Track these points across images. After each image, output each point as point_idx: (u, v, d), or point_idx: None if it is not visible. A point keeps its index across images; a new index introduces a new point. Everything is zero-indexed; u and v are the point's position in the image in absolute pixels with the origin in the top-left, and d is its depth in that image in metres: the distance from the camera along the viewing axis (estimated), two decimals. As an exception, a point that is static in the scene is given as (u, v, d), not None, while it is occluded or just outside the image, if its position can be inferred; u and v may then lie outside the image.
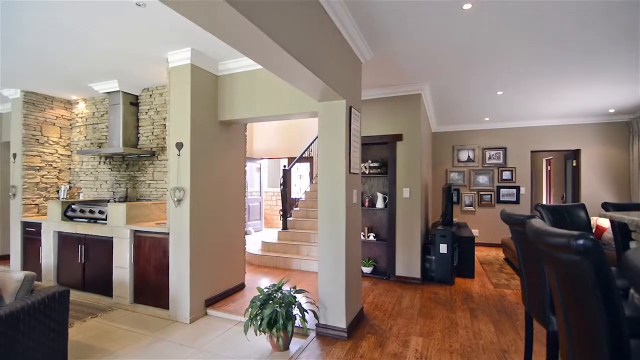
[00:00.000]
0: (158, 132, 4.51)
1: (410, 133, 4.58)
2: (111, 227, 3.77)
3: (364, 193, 5.01)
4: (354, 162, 3.13)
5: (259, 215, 8.61)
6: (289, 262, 5.27)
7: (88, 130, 5.12)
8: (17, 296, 2.24)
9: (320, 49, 2.38)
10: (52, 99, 5.04)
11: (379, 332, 3.07)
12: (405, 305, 3.74)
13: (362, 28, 2.88)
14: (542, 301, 1.72)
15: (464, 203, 7.39)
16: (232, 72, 3.68)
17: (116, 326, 3.22)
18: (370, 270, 4.77)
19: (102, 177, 4.98)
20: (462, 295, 4.11)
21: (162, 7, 2.45)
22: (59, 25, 2.79)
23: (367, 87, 4.53)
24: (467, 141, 7.37)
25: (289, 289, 2.84)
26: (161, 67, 3.73)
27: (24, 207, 4.71)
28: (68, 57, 3.48)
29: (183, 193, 3.33)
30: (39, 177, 4.91)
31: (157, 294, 3.52)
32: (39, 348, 2.25)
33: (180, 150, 3.36)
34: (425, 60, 3.58)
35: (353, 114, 3.09)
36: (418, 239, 4.54)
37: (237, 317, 3.33)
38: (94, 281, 3.96)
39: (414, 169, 4.56)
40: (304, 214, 6.22)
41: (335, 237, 2.96)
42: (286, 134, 8.42)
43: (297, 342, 2.86)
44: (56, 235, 4.27)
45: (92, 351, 2.73)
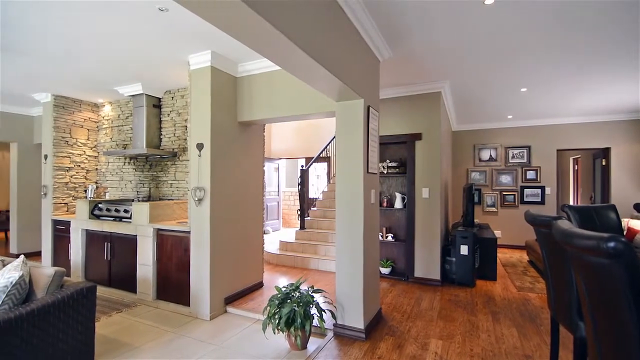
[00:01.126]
0: (179, 133, 4.63)
1: (430, 132, 4.50)
2: (135, 226, 3.90)
3: (382, 193, 4.96)
4: (371, 162, 3.11)
5: (276, 214, 8.69)
6: (306, 262, 5.29)
7: (114, 132, 5.31)
8: (48, 291, 2.34)
9: (338, 48, 2.38)
10: (80, 102, 5.26)
11: (398, 333, 3.03)
12: (425, 307, 3.69)
13: (381, 26, 2.85)
14: (569, 306, 1.65)
15: (485, 203, 7.20)
16: (251, 74, 3.73)
17: (140, 321, 3.32)
18: (389, 271, 4.72)
19: (127, 177, 5.16)
20: (483, 298, 4.00)
21: (183, 11, 2.51)
22: (86, 31, 2.90)
23: (385, 86, 4.49)
24: (489, 140, 7.18)
25: (307, 289, 2.85)
26: (182, 70, 3.82)
27: (54, 206, 4.94)
28: (95, 62, 3.62)
29: (203, 193, 3.40)
30: (68, 178, 5.14)
31: (178, 291, 3.62)
32: (67, 340, 2.35)
33: (201, 151, 3.43)
34: (446, 58, 3.52)
35: (371, 113, 3.07)
36: (438, 240, 4.46)
37: (256, 315, 3.37)
38: (119, 277, 4.10)
39: (434, 168, 4.49)
40: (322, 214, 6.23)
41: (353, 237, 2.95)
42: (304, 134, 8.45)
43: (315, 342, 2.86)
44: (84, 233, 4.45)
45: (117, 345, 2.83)
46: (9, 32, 2.93)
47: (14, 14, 2.63)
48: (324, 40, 2.16)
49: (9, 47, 3.24)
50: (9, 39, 3.06)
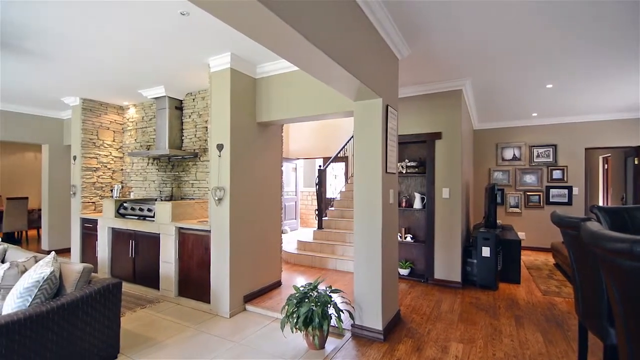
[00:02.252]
0: (200, 135, 4.73)
1: (450, 131, 4.41)
2: (158, 224, 4.02)
3: (400, 193, 4.90)
4: (390, 162, 3.08)
5: (294, 214, 8.74)
6: (324, 262, 5.29)
7: (138, 134, 5.49)
8: (77, 286, 2.45)
9: (356, 47, 2.37)
10: (106, 105, 5.46)
11: (417, 336, 2.99)
12: (445, 309, 3.62)
13: (400, 24, 2.82)
14: (599, 311, 1.58)
15: (508, 204, 6.99)
16: (269, 75, 3.76)
17: (162, 317, 3.42)
18: (407, 273, 4.66)
19: (150, 177, 5.32)
20: (506, 301, 3.89)
21: (203, 14, 2.56)
22: (112, 37, 3.01)
23: (404, 85, 4.43)
24: (513, 138, 6.96)
25: (325, 289, 2.86)
26: (203, 72, 3.91)
27: (82, 205, 5.15)
28: (120, 66, 3.75)
29: (223, 192, 3.46)
30: (95, 178, 5.35)
31: (199, 288, 3.70)
32: (94, 334, 2.45)
33: (221, 152, 3.49)
34: (467, 55, 3.44)
35: (389, 112, 3.03)
36: (458, 241, 4.36)
37: (274, 314, 3.40)
38: (143, 274, 4.23)
39: (454, 168, 4.39)
40: (339, 214, 6.22)
41: (371, 237, 2.93)
42: (321, 134, 8.46)
43: (333, 342, 2.86)
44: (110, 231, 4.62)
45: (141, 340, 2.92)
46: (41, 40, 3.08)
47: (46, 23, 2.76)
48: (342, 39, 2.16)
49: (41, 53, 3.40)
50: (40, 46, 3.21)
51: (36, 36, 3.02)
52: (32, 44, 3.18)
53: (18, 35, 3.00)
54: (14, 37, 3.05)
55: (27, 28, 2.87)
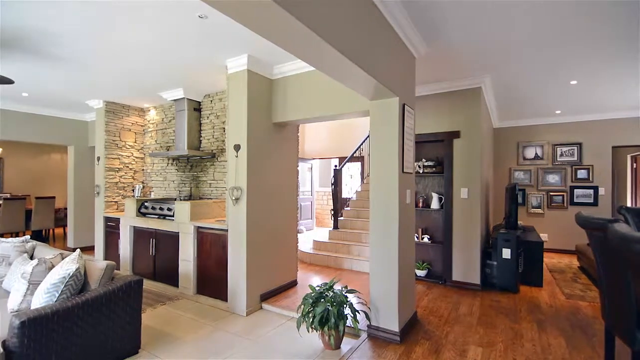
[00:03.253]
0: (218, 135, 4.81)
1: (469, 129, 4.32)
2: (177, 223, 4.11)
3: (417, 193, 4.84)
4: (407, 161, 3.04)
5: (310, 214, 8.76)
6: (339, 262, 5.28)
7: (158, 135, 5.63)
8: (101, 282, 2.53)
9: (373, 46, 2.35)
10: (128, 108, 5.63)
11: (434, 338, 2.94)
12: (463, 312, 3.54)
13: (417, 22, 2.78)
14: (627, 316, 1.51)
15: (530, 205, 6.79)
16: (285, 75, 3.79)
17: (182, 314, 3.49)
18: (425, 274, 4.59)
19: (170, 177, 5.44)
20: (528, 304, 3.78)
21: (221, 17, 2.60)
22: (134, 41, 3.10)
23: (422, 83, 4.37)
24: (535, 137, 6.75)
25: (341, 289, 2.85)
26: (221, 74, 3.97)
27: (105, 204, 5.33)
28: (141, 69, 3.86)
29: (240, 192, 3.50)
30: (118, 178, 5.52)
31: (216, 286, 3.76)
32: (117, 329, 2.53)
33: (238, 152, 3.54)
34: (487, 51, 3.36)
35: (406, 111, 3.00)
36: (477, 242, 4.27)
37: (290, 313, 3.42)
38: (163, 272, 4.34)
39: (473, 167, 4.30)
40: (355, 214, 6.19)
41: (388, 237, 2.90)
42: (337, 134, 8.44)
43: (349, 342, 2.85)
44: (132, 230, 4.76)
45: (161, 335, 3.00)
46: (66, 45, 3.21)
47: (70, 29, 2.87)
48: (359, 38, 2.15)
49: (66, 58, 3.54)
50: (65, 51, 3.34)
51: (61, 42, 3.14)
52: (58, 49, 3.31)
53: (44, 41, 3.12)
54: (41, 44, 3.18)
55: (52, 34, 2.98)
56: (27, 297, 2.39)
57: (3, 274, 3.04)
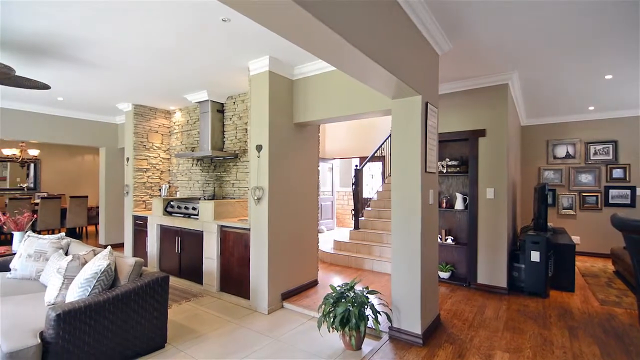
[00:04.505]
0: (240, 136, 4.89)
1: (495, 128, 4.19)
2: (202, 222, 4.21)
3: (441, 193, 4.74)
4: (430, 161, 2.98)
5: (331, 214, 8.75)
6: (360, 262, 5.25)
7: (183, 136, 5.79)
8: (130, 278, 2.63)
9: (395, 45, 2.32)
10: (155, 110, 5.83)
11: (458, 342, 2.87)
12: (489, 316, 3.44)
13: (440, 18, 2.73)
14: (670, 326, 1.42)
15: (561, 205, 6.49)
16: (306, 76, 3.80)
17: (205, 311, 3.58)
18: (448, 276, 4.49)
19: (195, 177, 5.59)
20: (558, 310, 3.62)
21: (243, 20, 2.65)
22: (160, 46, 3.21)
23: (445, 81, 4.27)
24: (566, 135, 6.46)
25: (362, 289, 2.83)
26: (243, 76, 4.04)
27: (134, 203, 5.54)
28: (168, 73, 3.99)
29: (262, 192, 3.55)
30: (145, 178, 5.72)
31: (239, 284, 3.83)
32: (145, 323, 2.62)
33: (260, 152, 3.59)
34: (515, 46, 3.24)
35: (429, 109, 2.94)
36: (504, 244, 4.12)
37: (311, 313, 3.44)
38: (188, 269, 4.46)
39: (499, 167, 4.16)
40: (376, 214, 6.14)
41: (410, 238, 2.85)
42: (357, 134, 8.40)
43: (370, 343, 2.83)
44: (158, 228, 4.92)
45: (186, 331, 3.09)
46: (97, 51, 3.36)
47: (98, 35, 3.00)
48: (380, 37, 2.13)
49: (98, 63, 3.70)
50: (97, 56, 3.50)
51: (93, 48, 3.29)
52: (90, 55, 3.47)
53: (78, 48, 3.28)
54: (75, 50, 3.34)
55: (85, 41, 3.13)
56: (62, 291, 2.52)
57: (40, 268, 3.22)
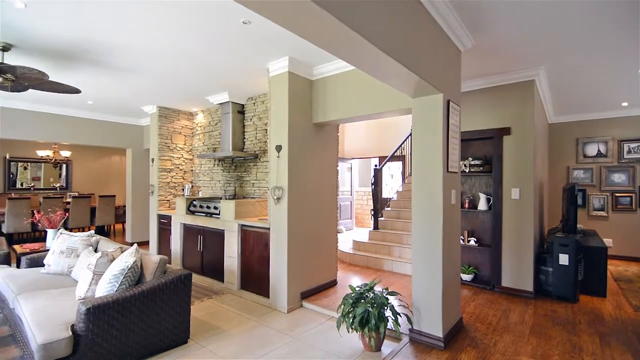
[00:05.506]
0: (260, 137, 4.95)
1: (520, 125, 4.05)
2: (223, 221, 4.29)
3: (463, 193, 4.62)
4: (452, 160, 2.92)
5: (350, 214, 8.72)
6: (380, 263, 5.20)
7: (205, 137, 5.93)
8: (155, 275, 2.71)
9: (415, 42, 2.28)
10: (178, 112, 5.99)
11: (481, 346, 2.79)
12: (514, 320, 3.33)
13: (461, 13, 2.66)
14: None
15: (592, 206, 6.20)
16: (325, 76, 3.80)
17: (226, 308, 3.65)
18: (471, 278, 4.37)
19: (216, 177, 5.71)
20: (588, 316, 3.46)
21: (263, 22, 2.68)
22: (183, 50, 3.29)
23: (468, 78, 4.17)
24: (597, 132, 6.16)
25: (381, 290, 2.81)
26: (263, 77, 4.08)
27: (159, 202, 5.71)
28: (191, 76, 4.09)
29: (282, 192, 3.58)
30: (169, 178, 5.89)
31: (259, 283, 3.87)
32: (169, 319, 2.69)
33: (279, 153, 3.62)
34: (542, 40, 3.11)
35: (451, 108, 2.88)
36: (530, 246, 3.98)
37: (330, 312, 3.43)
38: (210, 267, 4.56)
39: (525, 166, 4.02)
40: (396, 214, 6.06)
41: (431, 239, 2.80)
42: (377, 133, 8.32)
43: (390, 345, 2.80)
44: (182, 227, 5.05)
45: (208, 327, 3.15)
46: (125, 55, 3.48)
47: (124, 39, 3.11)
48: (400, 35, 2.10)
49: (125, 67, 3.84)
50: (124, 60, 3.63)
51: (120, 53, 3.41)
52: (118, 60, 3.60)
53: (106, 53, 3.42)
54: (104, 55, 3.48)
55: (111, 45, 3.25)
56: (91, 287, 2.63)
57: (72, 264, 3.37)
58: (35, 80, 3.25)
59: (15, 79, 3.14)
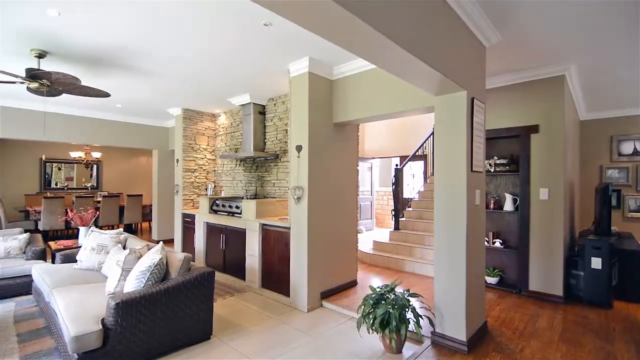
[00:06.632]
0: (281, 137, 5.00)
1: (549, 123, 3.88)
2: (244, 220, 4.36)
3: (488, 194, 4.48)
4: (476, 159, 2.84)
5: (370, 214, 8.65)
6: (400, 264, 5.13)
7: (227, 138, 6.04)
8: (179, 272, 2.79)
9: (437, 39, 2.24)
10: (202, 114, 6.14)
11: (507, 352, 2.70)
12: (542, 326, 3.20)
13: (486, 7, 2.58)
14: None
15: (627, 208, 5.86)
16: (345, 75, 3.79)
17: (248, 306, 3.70)
18: (496, 281, 4.24)
19: (238, 177, 5.81)
20: (623, 323, 3.27)
21: (283, 23, 2.70)
22: (208, 53, 3.36)
23: (493, 74, 4.04)
24: (633, 129, 5.81)
25: (402, 291, 2.77)
26: (284, 78, 4.12)
27: (183, 202, 5.87)
28: (214, 78, 4.18)
29: (302, 192, 3.60)
30: (193, 178, 6.05)
31: (279, 281, 3.91)
32: (193, 315, 2.76)
33: (300, 153, 3.64)
34: (573, 33, 2.97)
35: (476, 105, 2.80)
36: (560, 249, 3.81)
37: (350, 313, 3.42)
38: (231, 265, 4.64)
39: (555, 165, 3.85)
40: (417, 215, 5.96)
41: (454, 241, 2.74)
42: (398, 132, 8.22)
43: (411, 348, 2.76)
44: (205, 225, 5.17)
45: (230, 324, 3.21)
46: (152, 60, 3.60)
47: (150, 44, 3.21)
48: (422, 32, 2.06)
49: (152, 72, 3.97)
50: (151, 65, 3.75)
51: (147, 57, 3.53)
52: (145, 64, 3.73)
53: (134, 58, 3.54)
54: (128, 59, 3.61)
55: (139, 51, 3.37)
56: (120, 282, 2.74)
57: (102, 261, 3.52)
58: (69, 85, 3.41)
59: (50, 84, 3.32)
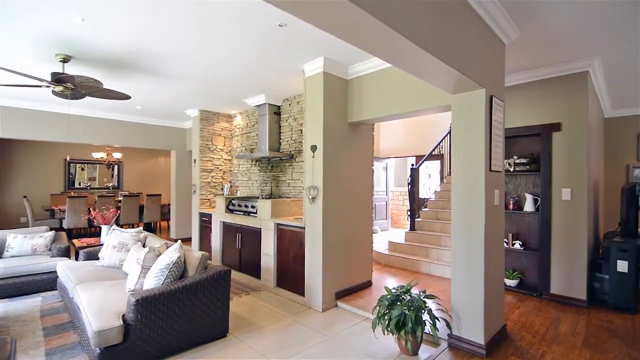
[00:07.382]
0: (295, 137, 5.02)
1: (572, 121, 3.76)
2: (260, 220, 4.40)
3: (507, 194, 4.38)
4: (495, 159, 2.77)
5: (385, 214, 8.58)
6: (416, 265, 5.07)
7: (243, 138, 6.11)
8: (197, 270, 2.84)
9: (455, 36, 2.20)
10: (218, 115, 6.23)
11: (527, 356, 2.63)
12: (564, 330, 3.10)
13: (505, 3, 2.52)
14: None
15: (656, 209, 5.60)
16: (360, 75, 3.77)
17: (263, 305, 3.73)
18: (516, 284, 4.13)
19: (253, 177, 5.87)
20: (653, 329, 3.13)
21: (298, 23, 2.71)
22: (224, 55, 3.41)
23: (512, 71, 3.94)
24: (663, 128, 5.56)
25: (418, 293, 2.73)
26: (298, 78, 4.14)
27: (200, 201, 5.98)
28: (230, 79, 4.24)
29: (317, 191, 3.60)
30: (210, 178, 6.15)
31: (294, 281, 3.93)
32: (209, 313, 2.81)
33: (314, 153, 3.64)
34: (596, 27, 2.87)
35: (494, 103, 2.74)
36: (584, 251, 3.68)
37: (365, 314, 3.40)
38: (247, 264, 4.69)
39: (578, 165, 3.73)
40: (434, 215, 5.88)
41: (472, 242, 2.68)
42: (413, 131, 8.12)
43: (427, 350, 2.72)
44: (221, 224, 5.25)
45: (246, 322, 3.25)
46: (171, 63, 3.68)
47: (175, 47, 3.28)
48: (439, 30, 2.03)
49: (170, 74, 4.06)
50: (170, 68, 3.84)
51: (166, 60, 3.61)
52: (164, 67, 3.81)
53: (154, 61, 3.63)
54: (148, 62, 3.70)
55: (159, 54, 3.45)
56: (140, 279, 2.81)
57: (123, 258, 3.63)
58: (92, 88, 3.53)
59: (74, 88, 3.44)
